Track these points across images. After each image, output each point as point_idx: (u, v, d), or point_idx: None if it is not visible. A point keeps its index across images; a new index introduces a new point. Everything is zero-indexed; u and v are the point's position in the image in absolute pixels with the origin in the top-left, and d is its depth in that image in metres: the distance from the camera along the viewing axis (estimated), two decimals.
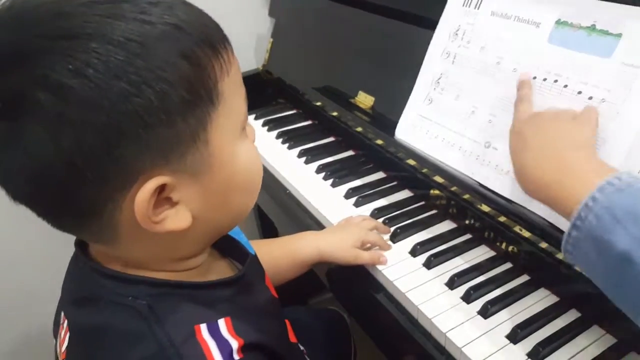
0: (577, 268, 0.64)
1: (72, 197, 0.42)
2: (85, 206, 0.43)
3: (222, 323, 0.49)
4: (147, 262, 0.50)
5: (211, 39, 0.45)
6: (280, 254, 0.82)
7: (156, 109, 0.40)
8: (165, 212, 0.45)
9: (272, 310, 0.63)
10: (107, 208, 0.43)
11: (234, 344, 0.47)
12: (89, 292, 0.50)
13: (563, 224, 0.64)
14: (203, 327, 0.48)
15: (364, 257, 0.79)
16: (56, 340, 0.59)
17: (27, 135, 0.39)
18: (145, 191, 0.42)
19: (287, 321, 0.66)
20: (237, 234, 0.64)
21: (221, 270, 0.59)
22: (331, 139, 1.17)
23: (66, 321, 0.53)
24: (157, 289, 0.49)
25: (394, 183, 0.99)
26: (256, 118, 1.28)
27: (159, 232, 0.45)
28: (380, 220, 0.89)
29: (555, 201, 0.57)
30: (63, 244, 0.56)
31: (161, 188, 0.44)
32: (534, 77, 0.71)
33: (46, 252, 1.07)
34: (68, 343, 0.52)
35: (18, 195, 0.43)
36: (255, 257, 0.63)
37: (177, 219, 0.46)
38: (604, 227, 0.50)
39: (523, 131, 0.65)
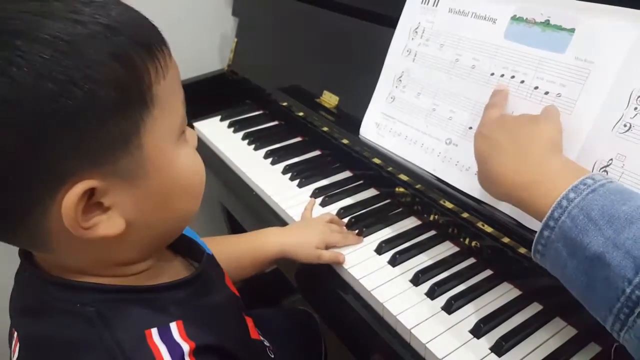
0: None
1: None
2: (11, 211, 0.41)
3: (173, 326, 0.48)
4: (89, 268, 0.48)
5: (146, 41, 0.44)
6: (243, 251, 0.81)
7: (84, 110, 0.39)
8: (97, 217, 0.44)
9: (231, 308, 0.62)
10: (34, 213, 0.42)
11: (185, 347, 0.47)
12: (36, 301, 0.49)
13: (527, 220, 0.65)
14: (154, 332, 0.47)
15: (325, 257, 0.79)
16: (10, 351, 0.57)
17: None
18: (72, 195, 0.41)
19: (249, 318, 0.65)
20: (192, 235, 0.63)
21: (175, 271, 0.58)
22: (298, 139, 1.16)
23: (16, 332, 0.52)
24: (106, 294, 0.48)
25: (360, 182, 0.99)
26: (222, 119, 1.27)
27: (91, 238, 0.43)
28: (346, 219, 0.88)
29: (528, 202, 0.56)
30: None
31: (91, 192, 0.42)
32: (492, 74, 0.72)
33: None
34: (18, 354, 0.50)
35: None
36: (212, 256, 0.62)
37: (109, 224, 0.44)
38: (578, 228, 0.49)
39: (491, 134, 0.63)
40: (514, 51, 0.70)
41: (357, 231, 0.85)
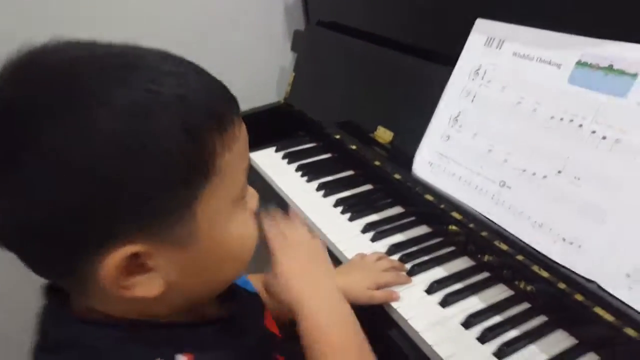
0: (596, 310, 0.63)
1: (50, 251, 0.43)
2: (59, 261, 0.43)
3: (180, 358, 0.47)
4: (117, 314, 0.49)
5: (218, 113, 0.45)
6: None
7: (149, 177, 0.41)
8: (137, 277, 0.44)
9: (261, 350, 0.61)
10: (79, 266, 0.43)
11: None
12: (59, 335, 0.49)
13: (581, 269, 0.64)
14: None
15: (377, 298, 0.79)
16: None
17: (15, 188, 0.40)
18: (114, 259, 0.42)
19: (280, 358, 0.64)
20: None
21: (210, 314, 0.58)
22: (350, 172, 1.18)
23: None
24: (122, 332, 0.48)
25: (412, 218, 0.99)
26: (277, 150, 1.30)
27: (127, 297, 0.44)
28: (397, 256, 0.88)
29: None
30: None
31: (134, 255, 0.43)
32: (552, 117, 0.71)
33: (19, 296, 1.04)
34: None
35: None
36: (254, 294, 0.62)
37: (147, 286, 0.45)
38: None
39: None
40: (576, 95, 0.69)
41: (408, 269, 0.85)
